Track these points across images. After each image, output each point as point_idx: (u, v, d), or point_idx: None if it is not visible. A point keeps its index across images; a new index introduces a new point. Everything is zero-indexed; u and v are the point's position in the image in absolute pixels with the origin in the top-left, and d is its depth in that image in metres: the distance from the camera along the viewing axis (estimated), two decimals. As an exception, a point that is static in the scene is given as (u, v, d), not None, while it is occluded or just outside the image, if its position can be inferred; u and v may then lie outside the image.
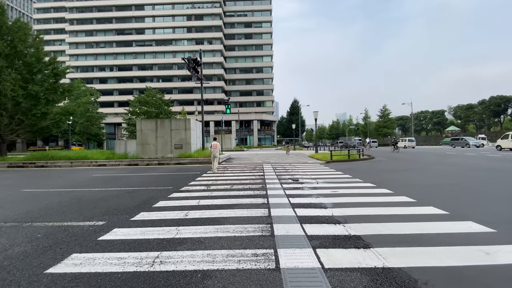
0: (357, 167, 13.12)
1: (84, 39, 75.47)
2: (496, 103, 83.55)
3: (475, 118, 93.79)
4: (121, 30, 75.05)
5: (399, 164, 14.45)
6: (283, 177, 9.65)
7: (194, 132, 17.66)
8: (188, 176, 10.66)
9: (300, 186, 7.82)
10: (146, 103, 41.81)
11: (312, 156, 19.85)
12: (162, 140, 16.99)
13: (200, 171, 12.34)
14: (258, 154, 26.74)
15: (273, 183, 8.43)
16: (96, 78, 75.51)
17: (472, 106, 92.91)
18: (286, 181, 8.70)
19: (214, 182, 8.86)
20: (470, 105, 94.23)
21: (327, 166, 13.60)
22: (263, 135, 69.13)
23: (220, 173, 11.57)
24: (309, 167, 13.14)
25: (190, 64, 14.48)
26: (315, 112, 24.04)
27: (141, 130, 17.03)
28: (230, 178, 9.54)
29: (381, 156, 19.90)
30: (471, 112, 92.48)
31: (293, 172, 11.39)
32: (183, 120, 16.88)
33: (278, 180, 8.83)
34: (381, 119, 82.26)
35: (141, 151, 16.99)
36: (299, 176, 9.91)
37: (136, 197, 6.76)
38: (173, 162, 15.56)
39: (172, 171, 12.67)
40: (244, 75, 79.37)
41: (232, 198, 6.30)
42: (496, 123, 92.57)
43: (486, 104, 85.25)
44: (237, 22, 79.74)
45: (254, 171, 11.94)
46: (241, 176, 10.09)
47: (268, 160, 17.58)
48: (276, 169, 12.50)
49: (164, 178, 10.27)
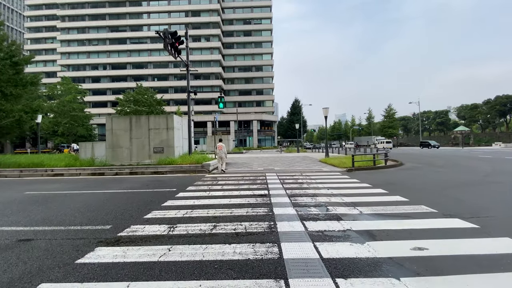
0: (396, 179, 9.62)
1: (76, 37, 72.15)
2: (502, 103, 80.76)
3: (480, 118, 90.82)
4: (115, 27, 71.74)
5: (448, 174, 10.95)
6: (301, 202, 6.15)
7: (179, 132, 14.18)
8: (156, 197, 7.16)
9: (340, 228, 4.27)
10: (137, 102, 38.40)
11: (324, 161, 16.34)
12: (138, 142, 13.50)
13: (179, 186, 8.84)
14: (258, 158, 23.22)
15: (287, 216, 4.92)
16: (89, 77, 72.12)
17: (477, 106, 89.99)
18: (309, 213, 5.18)
19: (189, 214, 5.36)
20: (474, 104, 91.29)
21: (353, 177, 10.10)
22: (263, 136, 65.61)
23: (205, 189, 8.07)
24: (330, 179, 9.64)
25: (167, 39, 10.89)
26: (325, 108, 20.57)
27: (112, 130, 13.56)
28: (215, 205, 6.04)
29: (408, 160, 16.39)
30: (476, 112, 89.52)
31: (311, 189, 7.88)
32: (165, 117, 13.42)
33: (294, 211, 5.30)
34: (386, 119, 79.07)
35: (111, 156, 13.50)
36: (324, 200, 6.40)
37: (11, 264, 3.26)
38: (150, 171, 12.06)
39: (141, 185, 9.17)
40: (243, 74, 75.98)
41: (208, 269, 2.80)
42: (502, 123, 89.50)
43: (492, 104, 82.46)
44: (236, 19, 76.45)
45: (253, 186, 8.44)
46: (233, 199, 6.60)
47: (272, 167, 14.10)
48: (285, 182, 9.01)
49: (118, 201, 6.77)
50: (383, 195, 6.73)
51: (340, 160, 14.44)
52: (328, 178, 9.77)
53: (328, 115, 20.27)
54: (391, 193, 6.90)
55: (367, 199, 6.27)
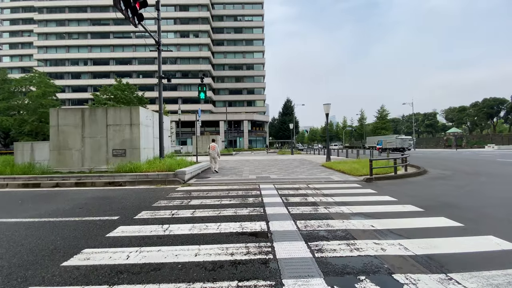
0: (444, 197, 6.89)
1: (55, 29, 67.41)
2: (490, 105, 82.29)
3: (468, 120, 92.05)
4: (97, 20, 67.39)
5: (499, 186, 8.35)
6: (332, 257, 3.26)
7: (148, 129, 11.11)
8: (67, 241, 4.17)
9: None
10: (115, 98, 34.82)
11: (328, 166, 13.59)
12: (93, 143, 10.34)
13: (129, 209, 5.83)
14: (249, 161, 20.30)
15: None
16: (68, 72, 67.49)
17: (464, 108, 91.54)
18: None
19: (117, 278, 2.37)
20: (462, 107, 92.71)
21: (382, 193, 7.33)
22: (254, 137, 62.69)
23: (165, 218, 5.09)
24: (352, 196, 6.82)
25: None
26: (326, 105, 17.89)
27: (58, 126, 10.36)
28: (168, 266, 3.11)
29: (426, 166, 13.79)
30: (464, 115, 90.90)
31: (334, 217, 5.03)
32: (128, 109, 10.27)
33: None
34: (379, 120, 77.90)
35: (56, 161, 10.29)
36: (373, 248, 3.54)
37: None
38: (103, 181, 8.94)
39: (72, 207, 6.12)
40: (233, 72, 72.92)
41: None
42: (489, 125, 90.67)
43: (479, 106, 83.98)
44: (226, 15, 73.42)
45: (243, 212, 5.52)
46: (206, 247, 3.69)
47: (266, 174, 11.22)
48: (289, 202, 6.14)
49: (22, 243, 3.73)
50: (461, 232, 3.94)
51: (350, 166, 11.68)
52: (349, 195, 6.95)
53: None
54: (468, 226, 4.12)
55: (448, 249, 3.44)
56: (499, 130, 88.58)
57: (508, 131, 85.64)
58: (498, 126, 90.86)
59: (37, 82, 34.56)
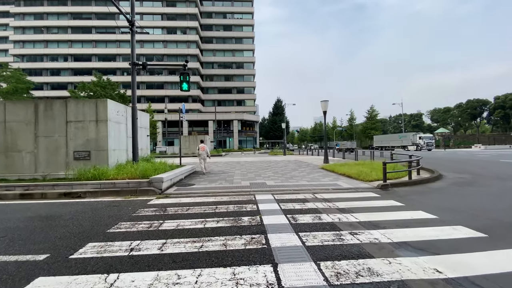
0: (486, 210, 5.48)
1: (32, 23, 63.49)
2: (473, 106, 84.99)
3: (452, 121, 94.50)
4: (78, 14, 63.95)
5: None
6: None
7: (120, 127, 9.27)
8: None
9: None
10: (94, 96, 32.38)
11: (330, 170, 12.12)
12: (49, 143, 8.42)
13: (74, 236, 4.08)
14: (240, 163, 18.63)
15: None
16: (46, 69, 63.71)
17: (449, 109, 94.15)
18: None
19: None
20: (447, 108, 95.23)
21: (410, 206, 5.84)
22: (244, 137, 60.97)
23: (119, 258, 3.38)
24: (374, 211, 5.28)
25: None
26: (323, 102, 16.47)
27: (5, 123, 8.38)
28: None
29: (435, 168, 12.53)
30: (448, 115, 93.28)
31: (367, 250, 3.44)
32: (93, 102, 8.36)
33: None
34: (369, 121, 77.75)
35: (3, 165, 8.29)
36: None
37: None
38: (58, 192, 7.06)
39: (3, 234, 4.31)
40: (223, 71, 70.99)
41: None
42: (472, 126, 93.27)
43: (463, 108, 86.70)
44: (215, 12, 71.43)
45: (234, 242, 3.88)
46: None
47: (261, 179, 9.61)
48: (297, 222, 4.53)
49: None
50: None
51: (356, 169, 10.20)
52: (371, 209, 5.43)
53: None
54: None
55: None
56: (481, 130, 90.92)
57: (490, 131, 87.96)
58: (481, 126, 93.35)
59: (7, 77, 31.65)
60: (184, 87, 8.85)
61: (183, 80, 8.82)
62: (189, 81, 8.99)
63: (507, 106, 73.85)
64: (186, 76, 8.85)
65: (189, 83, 8.99)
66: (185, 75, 8.82)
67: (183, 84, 8.83)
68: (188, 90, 8.88)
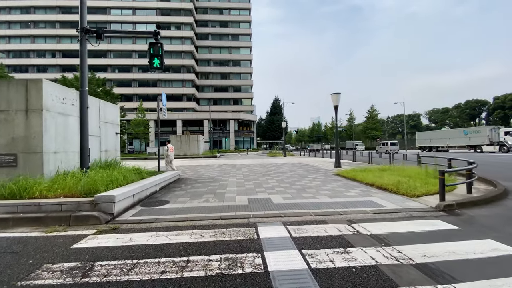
0: None
1: (18, 17, 60.32)
2: (472, 107, 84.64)
3: (451, 121, 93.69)
4: (66, 8, 60.87)
5: None
6: None
7: (67, 120, 6.66)
8: None
9: None
10: (77, 91, 29.50)
11: (349, 177, 9.61)
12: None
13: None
14: (236, 166, 16.07)
15: None
16: (33, 65, 60.56)
17: (448, 110, 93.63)
18: None
19: None
20: (446, 108, 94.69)
21: (497, 238, 3.30)
22: (241, 137, 58.33)
23: None
24: (485, 267, 2.77)
25: None
26: (334, 94, 13.99)
27: None
28: None
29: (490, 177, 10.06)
30: (447, 116, 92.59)
31: None
32: (23, 84, 5.79)
33: None
34: (369, 121, 75.51)
35: None
36: None
37: None
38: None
39: None
40: (219, 68, 68.33)
41: None
42: (470, 126, 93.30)
43: (462, 108, 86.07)
44: (211, 8, 68.82)
45: None
46: None
47: (263, 192, 7.10)
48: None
49: None
50: None
51: (389, 178, 7.70)
52: (468, 262, 2.93)
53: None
54: None
55: None
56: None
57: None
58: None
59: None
60: (155, 62, 6.29)
61: (154, 53, 6.22)
62: (162, 55, 6.43)
63: (507, 107, 72.42)
64: (158, 48, 6.27)
65: (162, 57, 6.42)
66: (156, 46, 6.25)
67: (154, 58, 6.26)
68: (161, 67, 6.33)
